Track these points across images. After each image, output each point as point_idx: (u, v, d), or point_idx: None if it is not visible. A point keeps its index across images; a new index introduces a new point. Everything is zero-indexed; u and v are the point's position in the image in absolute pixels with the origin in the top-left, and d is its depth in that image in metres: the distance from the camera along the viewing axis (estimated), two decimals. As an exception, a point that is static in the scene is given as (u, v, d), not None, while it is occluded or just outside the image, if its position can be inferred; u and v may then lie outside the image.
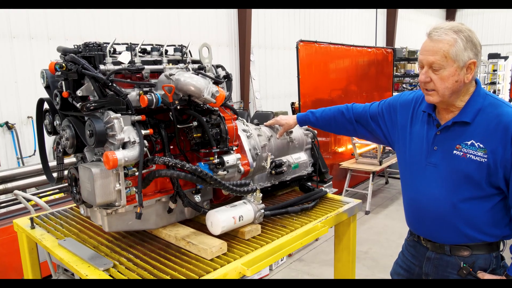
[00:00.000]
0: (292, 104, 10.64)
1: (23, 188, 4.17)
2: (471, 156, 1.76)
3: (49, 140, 6.11)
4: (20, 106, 6.35)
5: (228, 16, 9.88)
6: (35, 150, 6.59)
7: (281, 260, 4.75)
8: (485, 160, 1.73)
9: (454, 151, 1.81)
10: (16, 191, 3.31)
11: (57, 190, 4.59)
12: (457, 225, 1.83)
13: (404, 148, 2.03)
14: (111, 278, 1.71)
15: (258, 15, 10.56)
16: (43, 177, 4.42)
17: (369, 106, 2.25)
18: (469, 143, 1.78)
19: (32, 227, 2.27)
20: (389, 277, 2.24)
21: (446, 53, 1.69)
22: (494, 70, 14.86)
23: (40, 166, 4.37)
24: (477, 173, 1.75)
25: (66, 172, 2.05)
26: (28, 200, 3.32)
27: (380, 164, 6.54)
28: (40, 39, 6.49)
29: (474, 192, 1.79)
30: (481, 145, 1.74)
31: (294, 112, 10.56)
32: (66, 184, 1.98)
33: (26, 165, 5.85)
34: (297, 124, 2.53)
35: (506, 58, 14.65)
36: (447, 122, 1.84)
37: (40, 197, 4.00)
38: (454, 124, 1.82)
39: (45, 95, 2.13)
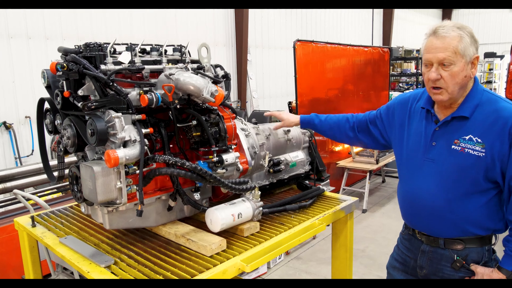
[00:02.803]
0: (289, 103, 10.66)
1: (22, 188, 4.19)
2: (469, 150, 1.80)
3: (47, 140, 6.13)
4: (18, 106, 6.36)
5: (225, 16, 9.90)
6: (33, 150, 6.60)
7: (279, 258, 4.78)
8: (483, 154, 1.77)
9: (453, 146, 1.84)
10: (15, 190, 3.33)
11: (55, 190, 4.61)
12: (453, 219, 1.87)
13: (401, 144, 2.07)
14: (112, 275, 1.73)
15: (255, 15, 10.59)
16: (42, 177, 4.44)
17: (369, 113, 2.31)
18: (467, 137, 1.81)
19: (33, 226, 2.29)
20: (385, 275, 2.27)
21: (456, 49, 1.73)
22: (490, 69, 14.95)
23: (38, 165, 4.43)
24: (475, 167, 1.79)
25: (66, 171, 2.07)
26: (28, 200, 3.34)
27: (377, 163, 6.58)
28: (37, 39, 6.49)
29: (471, 187, 1.82)
30: (479, 140, 1.78)
31: (291, 112, 10.58)
32: (66, 183, 2.00)
33: (24, 164, 5.86)
34: (299, 124, 2.49)
35: (502, 57, 14.75)
36: (446, 117, 1.87)
37: (39, 197, 4.02)
38: (453, 119, 1.86)
39: (43, 94, 2.15)
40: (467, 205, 1.84)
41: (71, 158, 4.02)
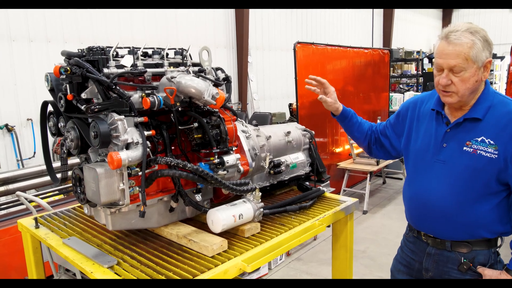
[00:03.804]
0: (290, 105, 10.69)
1: (24, 190, 4.21)
2: (481, 152, 1.80)
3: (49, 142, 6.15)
4: (20, 108, 6.38)
5: (226, 18, 9.93)
6: (34, 152, 6.63)
7: (280, 259, 4.80)
8: (496, 156, 1.77)
9: (464, 148, 1.84)
10: (18, 192, 3.35)
11: (57, 192, 4.63)
12: (462, 221, 1.86)
13: (409, 145, 2.08)
14: (115, 275, 1.76)
15: (255, 16, 10.62)
16: (44, 179, 4.46)
17: (379, 124, 2.32)
18: (479, 139, 1.81)
19: (37, 227, 2.31)
20: (386, 275, 2.29)
21: (467, 56, 1.72)
22: (491, 70, 14.94)
23: (41, 167, 4.46)
24: (487, 169, 1.79)
25: (69, 173, 2.09)
26: (30, 201, 3.36)
27: (377, 164, 6.60)
28: (39, 42, 6.53)
29: (482, 189, 1.82)
30: (492, 142, 1.78)
31: (292, 113, 10.62)
32: (67, 185, 2.03)
33: (26, 167, 5.88)
34: (338, 112, 2.29)
35: (502, 58, 14.74)
36: (458, 119, 1.87)
37: (40, 199, 4.04)
38: (465, 121, 1.86)
39: (44, 97, 2.17)
40: (478, 207, 1.84)
41: (73, 160, 4.04)
